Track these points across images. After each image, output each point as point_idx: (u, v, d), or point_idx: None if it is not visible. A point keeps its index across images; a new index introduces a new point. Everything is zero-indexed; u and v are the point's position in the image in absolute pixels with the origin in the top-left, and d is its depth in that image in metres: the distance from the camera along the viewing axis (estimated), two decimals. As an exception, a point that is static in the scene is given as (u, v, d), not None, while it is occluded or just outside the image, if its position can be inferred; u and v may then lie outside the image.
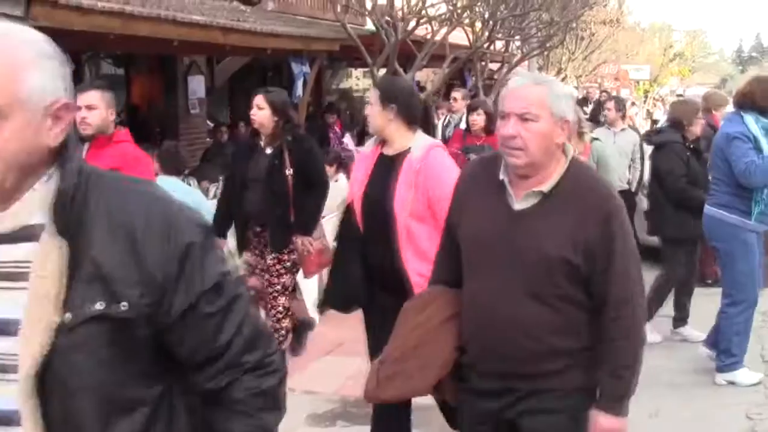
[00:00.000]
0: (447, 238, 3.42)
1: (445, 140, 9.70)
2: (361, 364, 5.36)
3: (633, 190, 9.86)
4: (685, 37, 63.50)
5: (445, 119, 12.21)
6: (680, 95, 54.53)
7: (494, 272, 3.10)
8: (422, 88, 19.45)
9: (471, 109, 9.36)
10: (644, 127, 28.37)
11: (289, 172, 6.37)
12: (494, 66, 22.59)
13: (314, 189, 6.53)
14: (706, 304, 7.85)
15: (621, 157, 9.67)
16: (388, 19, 13.28)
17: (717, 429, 6.11)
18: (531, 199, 3.09)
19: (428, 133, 8.79)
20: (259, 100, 6.46)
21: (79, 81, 12.57)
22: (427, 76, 22.66)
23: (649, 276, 10.10)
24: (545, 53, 24.18)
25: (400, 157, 4.56)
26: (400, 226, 4.45)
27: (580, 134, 6.81)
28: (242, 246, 6.72)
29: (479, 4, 15.78)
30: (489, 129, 8.54)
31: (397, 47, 13.10)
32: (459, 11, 15.13)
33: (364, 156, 4.99)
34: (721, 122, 7.98)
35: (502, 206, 3.12)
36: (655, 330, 7.73)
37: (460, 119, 10.76)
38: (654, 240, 8.38)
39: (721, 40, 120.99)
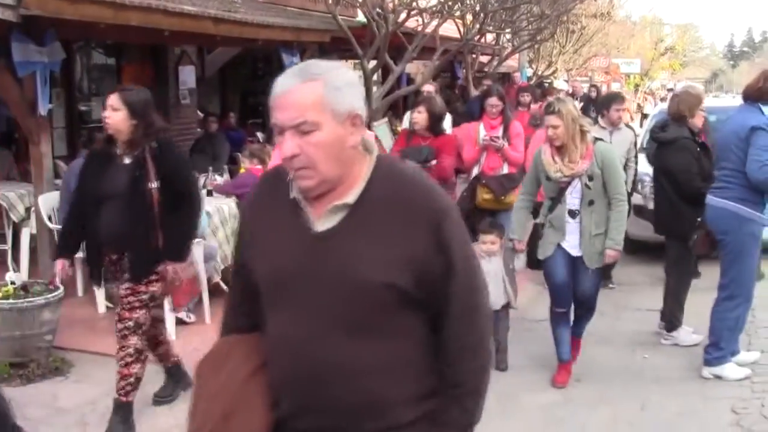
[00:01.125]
0: (237, 280, 2.78)
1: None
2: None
3: (629, 190, 9.61)
4: (676, 31, 63.60)
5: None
6: (671, 89, 54.68)
7: (301, 310, 2.46)
8: (412, 80, 19.47)
9: (414, 106, 8.53)
10: (635, 121, 28.48)
11: (153, 185, 5.45)
12: (485, 58, 22.61)
13: (184, 205, 5.58)
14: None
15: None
16: (379, 10, 13.27)
17: (702, 423, 6.16)
18: (334, 215, 2.45)
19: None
20: (113, 99, 5.43)
21: (70, 70, 12.60)
22: (417, 69, 22.64)
23: (640, 272, 10.26)
24: (535, 46, 24.24)
25: None
26: None
27: (583, 133, 6.45)
28: (97, 277, 5.88)
29: (470, -4, 15.79)
30: (434, 129, 8.02)
31: (387, 39, 13.10)
32: (450, 3, 15.13)
33: None
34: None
35: (300, 230, 2.48)
36: (692, 331, 7.76)
37: None
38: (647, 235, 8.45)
39: (712, 34, 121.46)
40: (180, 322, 7.82)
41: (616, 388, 6.77)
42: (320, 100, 2.39)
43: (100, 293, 8.17)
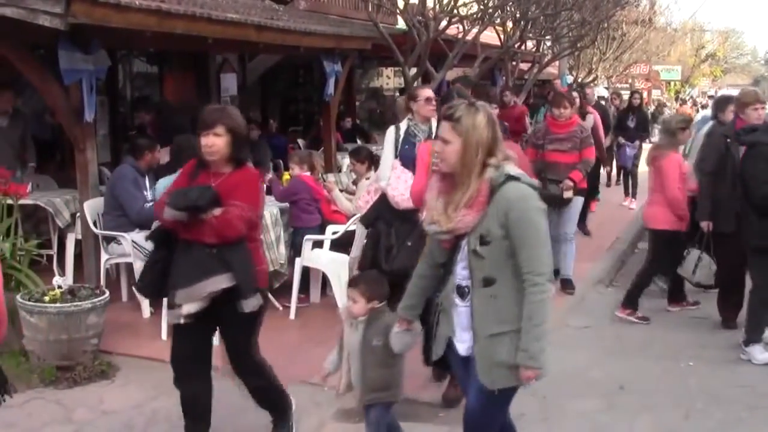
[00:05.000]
0: None
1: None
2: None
3: None
4: (717, 38, 63.01)
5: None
6: (711, 96, 54.19)
7: None
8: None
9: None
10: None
11: None
12: (525, 66, 22.54)
13: None
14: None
15: None
16: (420, 18, 13.30)
17: None
18: None
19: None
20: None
21: (113, 79, 12.74)
22: (458, 76, 22.64)
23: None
24: (576, 53, 24.09)
25: None
26: None
27: (483, 167, 4.08)
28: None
29: (511, 3, 15.75)
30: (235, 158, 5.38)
31: (428, 46, 13.12)
32: (490, 11, 15.12)
33: None
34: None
35: None
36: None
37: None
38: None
39: (753, 40, 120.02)
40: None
41: (660, 395, 6.73)
42: None
43: (144, 298, 8.25)
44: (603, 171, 13.28)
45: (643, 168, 16.40)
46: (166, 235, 5.19)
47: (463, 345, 4.27)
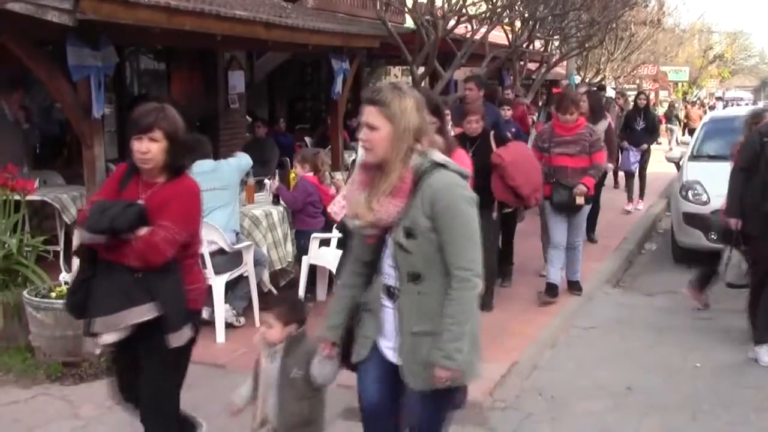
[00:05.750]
0: None
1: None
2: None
3: None
4: (726, 39, 62.90)
5: None
6: (719, 98, 54.04)
7: None
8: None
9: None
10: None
11: None
12: (533, 66, 22.51)
13: None
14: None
15: None
16: (428, 17, 13.28)
17: None
18: None
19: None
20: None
21: (120, 75, 12.74)
22: (466, 75, 22.60)
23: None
24: (584, 53, 24.05)
25: None
26: None
27: (408, 152, 3.87)
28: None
29: (519, 3, 15.72)
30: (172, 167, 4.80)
31: (436, 45, 13.09)
32: (499, 10, 15.09)
33: None
34: None
35: None
36: None
37: None
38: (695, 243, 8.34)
39: (762, 41, 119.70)
40: (229, 325, 7.86)
41: (667, 396, 6.70)
42: None
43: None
44: (609, 173, 13.02)
45: (652, 169, 16.43)
46: (95, 251, 4.51)
47: (389, 347, 4.00)
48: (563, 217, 8.99)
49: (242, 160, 8.45)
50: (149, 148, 4.39)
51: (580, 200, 8.83)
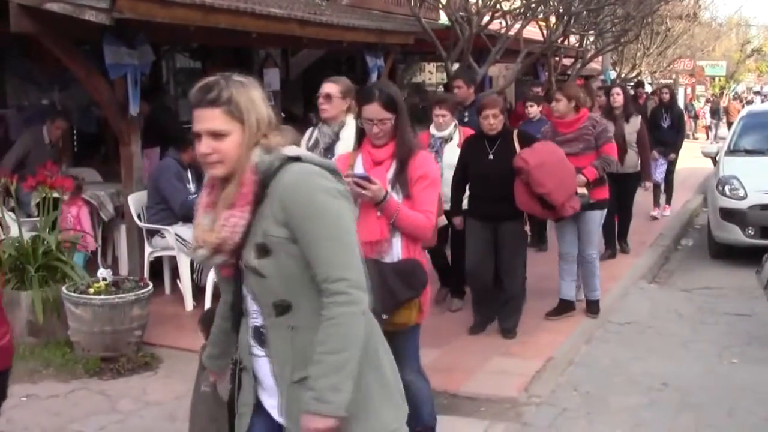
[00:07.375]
0: None
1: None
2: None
3: None
4: (763, 33, 62.28)
5: None
6: (757, 92, 53.39)
7: None
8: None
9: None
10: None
11: None
12: (568, 61, 22.44)
13: None
14: None
15: None
16: (463, 13, 13.28)
17: None
18: None
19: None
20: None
21: (157, 74, 12.84)
22: (500, 71, 22.58)
23: (728, 276, 10.10)
24: (619, 48, 23.93)
25: None
26: None
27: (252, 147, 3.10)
28: None
29: (554, -2, 15.71)
30: None
31: (471, 41, 13.09)
32: (533, 5, 15.06)
33: None
34: None
35: None
36: None
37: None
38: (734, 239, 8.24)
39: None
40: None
41: (703, 393, 6.66)
42: None
43: (187, 291, 8.31)
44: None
45: (689, 165, 16.06)
46: None
47: (275, 409, 3.02)
48: (572, 225, 8.09)
49: None
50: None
51: (581, 190, 7.80)
